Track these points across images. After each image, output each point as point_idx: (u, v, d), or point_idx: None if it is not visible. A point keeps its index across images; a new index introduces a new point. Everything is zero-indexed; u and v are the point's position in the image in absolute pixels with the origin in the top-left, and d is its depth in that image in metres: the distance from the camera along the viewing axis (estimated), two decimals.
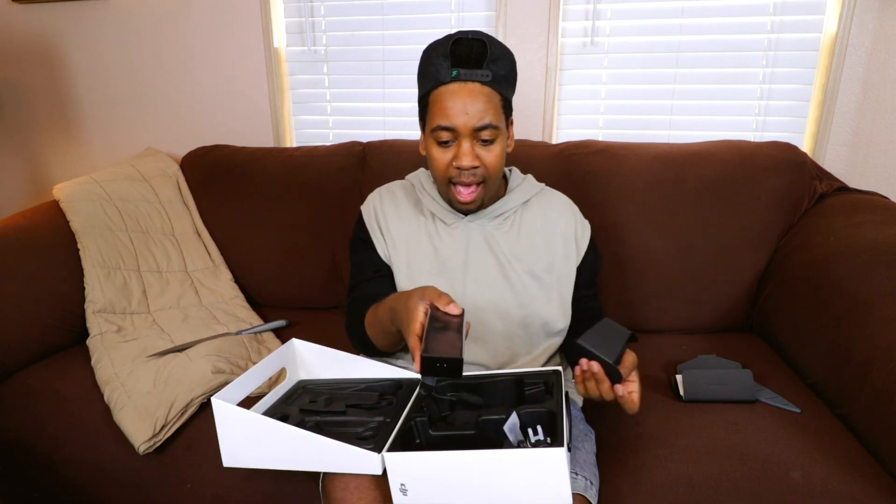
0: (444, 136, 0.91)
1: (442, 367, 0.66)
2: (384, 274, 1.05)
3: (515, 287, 0.99)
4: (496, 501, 0.70)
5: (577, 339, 0.79)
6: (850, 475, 0.86)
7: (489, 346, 1.00)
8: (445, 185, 0.96)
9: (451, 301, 0.76)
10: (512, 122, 0.99)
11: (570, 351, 1.01)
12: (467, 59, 0.89)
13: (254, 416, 0.79)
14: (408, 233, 1.04)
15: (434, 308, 0.76)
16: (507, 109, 0.95)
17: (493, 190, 0.99)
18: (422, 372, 0.67)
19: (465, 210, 0.99)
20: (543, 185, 1.10)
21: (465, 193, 0.94)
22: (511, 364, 1.01)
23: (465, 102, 0.89)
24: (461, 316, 0.75)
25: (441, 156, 0.93)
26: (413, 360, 0.71)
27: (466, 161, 0.90)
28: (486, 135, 0.91)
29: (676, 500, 0.87)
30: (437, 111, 0.91)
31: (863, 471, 0.87)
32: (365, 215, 1.09)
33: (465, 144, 0.90)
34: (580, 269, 1.03)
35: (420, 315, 0.74)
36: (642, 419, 1.02)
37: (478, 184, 0.94)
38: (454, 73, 0.89)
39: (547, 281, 1.01)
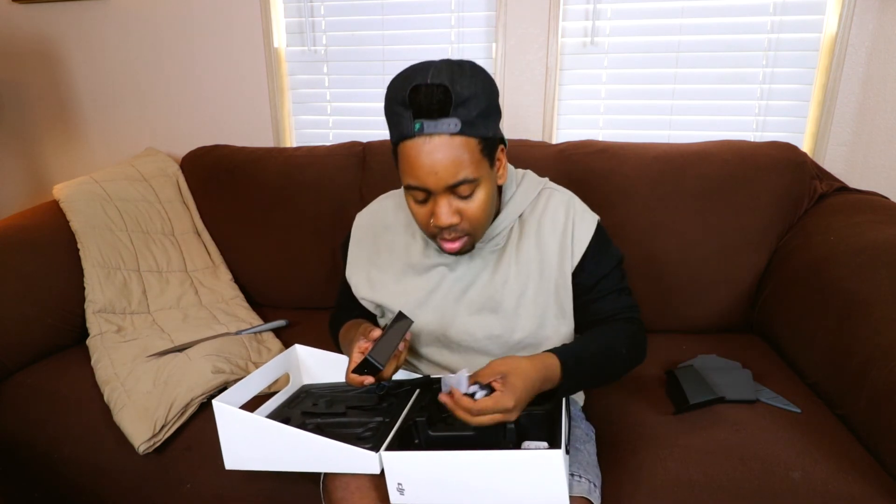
0: (418, 195, 0.83)
1: (363, 370, 0.81)
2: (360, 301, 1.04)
3: (509, 314, 0.93)
4: (493, 502, 0.70)
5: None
6: (850, 475, 0.86)
7: None
8: (430, 237, 0.90)
9: (372, 329, 0.86)
10: (503, 150, 0.88)
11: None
12: (428, 109, 0.76)
13: (253, 418, 0.79)
14: (399, 258, 0.99)
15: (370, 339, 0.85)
16: (490, 149, 0.83)
17: (482, 234, 0.89)
18: (357, 371, 0.82)
19: (455, 256, 0.91)
20: (545, 181, 1.00)
21: (450, 245, 0.86)
22: None
23: (434, 161, 0.77)
24: (381, 336, 0.84)
25: (419, 210, 0.85)
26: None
27: (444, 220, 0.82)
28: (462, 190, 0.81)
29: (677, 500, 0.87)
30: (406, 168, 0.81)
31: (863, 471, 0.87)
32: (353, 233, 1.05)
33: (442, 203, 0.81)
34: (579, 271, 0.93)
35: (354, 357, 0.83)
36: (642, 419, 1.03)
37: (462, 236, 0.86)
38: (417, 125, 0.77)
39: (542, 297, 0.93)
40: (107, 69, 1.94)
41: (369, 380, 0.81)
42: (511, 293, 0.93)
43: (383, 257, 1.00)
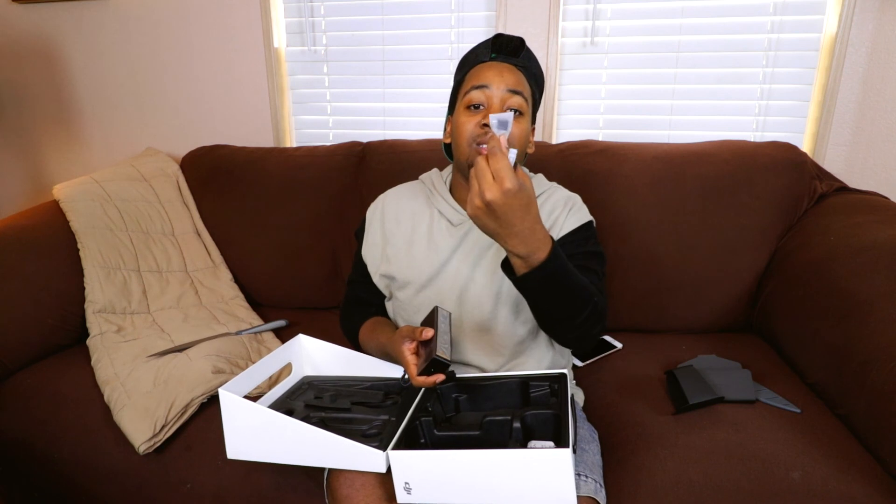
0: (476, 96, 0.93)
1: (430, 370, 0.80)
2: (375, 280, 1.08)
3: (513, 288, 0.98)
4: (500, 502, 0.70)
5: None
6: (850, 475, 0.86)
7: (494, 346, 1.00)
8: (468, 147, 0.94)
9: (422, 329, 0.83)
10: (533, 130, 1.01)
11: None
12: (506, 47, 0.96)
13: (260, 409, 0.79)
14: (411, 234, 1.04)
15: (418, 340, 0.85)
16: (534, 108, 0.99)
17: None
18: (424, 372, 0.80)
19: None
20: (554, 183, 1.08)
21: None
22: (518, 362, 1.01)
23: (501, 71, 0.94)
24: (435, 333, 0.82)
25: (469, 119, 0.94)
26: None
27: (495, 111, 0.92)
28: (516, 102, 0.93)
29: (677, 500, 0.87)
30: (473, 78, 0.95)
31: (863, 471, 0.87)
32: (369, 216, 1.10)
33: (496, 102, 0.93)
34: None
35: (410, 360, 0.83)
36: (642, 419, 1.03)
37: None
38: (493, 55, 0.96)
39: None
40: (107, 69, 1.94)
41: (440, 377, 0.81)
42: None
43: (398, 234, 1.05)
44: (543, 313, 0.84)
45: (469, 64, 0.99)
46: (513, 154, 0.71)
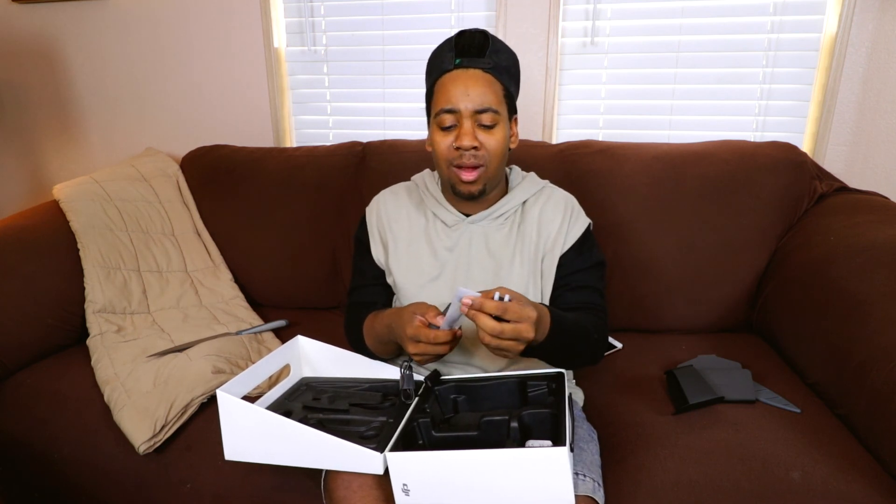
0: (447, 119, 0.93)
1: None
2: (381, 282, 1.08)
3: (511, 289, 0.98)
4: (499, 502, 0.70)
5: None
6: (850, 475, 0.86)
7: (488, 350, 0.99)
8: (447, 169, 0.96)
9: (438, 313, 0.85)
10: (516, 121, 1.00)
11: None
12: (469, 48, 0.93)
13: (258, 410, 0.79)
14: (408, 235, 1.04)
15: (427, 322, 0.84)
16: (510, 102, 0.96)
17: (494, 176, 0.98)
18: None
19: (468, 193, 0.97)
20: (546, 182, 1.08)
21: (467, 175, 0.95)
22: (513, 367, 1.01)
23: (467, 86, 0.91)
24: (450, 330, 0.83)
25: (443, 140, 0.95)
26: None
27: (467, 141, 0.91)
28: (486, 119, 0.92)
29: (677, 500, 0.87)
30: (440, 96, 0.94)
31: (863, 471, 0.87)
32: (367, 218, 1.10)
33: (467, 125, 0.92)
34: (560, 264, 1.01)
35: (416, 322, 0.84)
36: (642, 419, 1.03)
37: (479, 166, 0.94)
38: (457, 61, 0.93)
39: (538, 280, 1.00)
40: (107, 69, 1.94)
41: (459, 332, 0.83)
42: (511, 271, 0.99)
43: (398, 236, 1.05)
44: (552, 360, 0.91)
45: (435, 71, 0.96)
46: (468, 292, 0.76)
